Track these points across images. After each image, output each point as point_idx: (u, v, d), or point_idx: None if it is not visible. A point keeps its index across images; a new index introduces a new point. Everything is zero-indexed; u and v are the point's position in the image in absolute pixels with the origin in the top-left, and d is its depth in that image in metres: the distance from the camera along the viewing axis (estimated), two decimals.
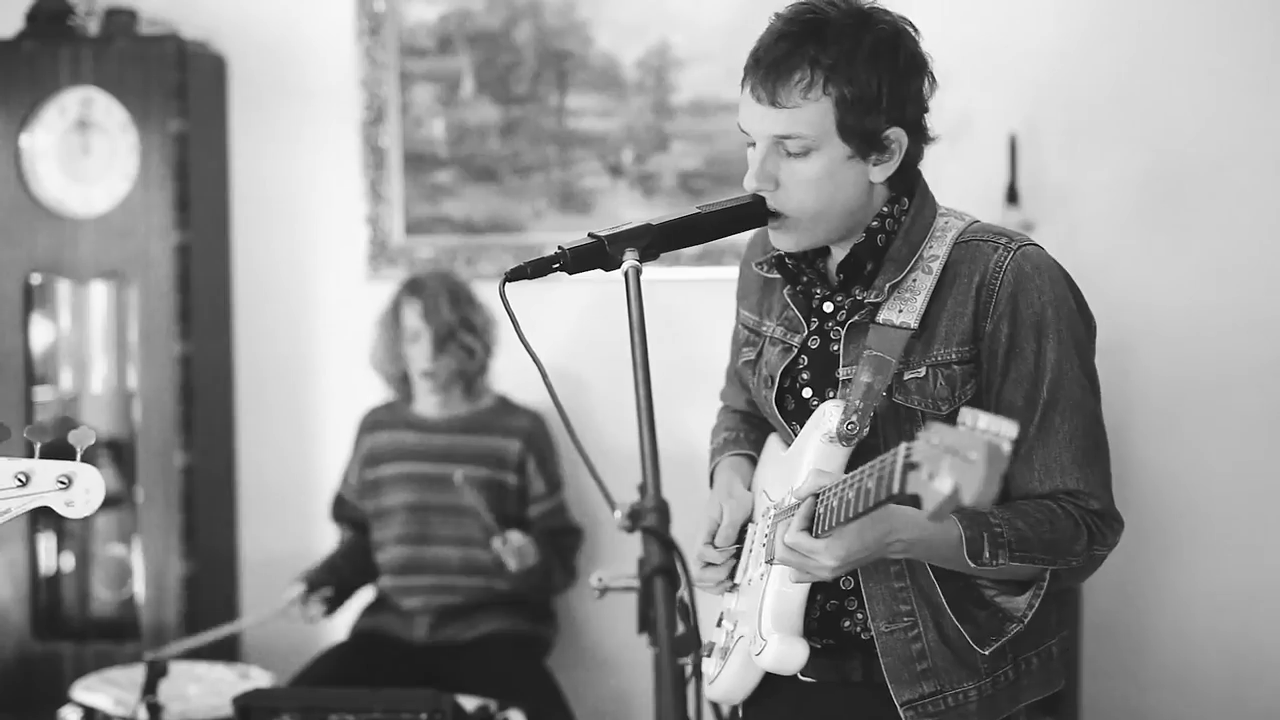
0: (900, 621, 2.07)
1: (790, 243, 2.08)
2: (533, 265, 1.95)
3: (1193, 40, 3.79)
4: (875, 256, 2.08)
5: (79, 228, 4.11)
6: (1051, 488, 2.03)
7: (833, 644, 2.13)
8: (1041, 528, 2.00)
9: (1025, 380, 2.03)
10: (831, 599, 2.12)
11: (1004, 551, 1.97)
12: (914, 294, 2.05)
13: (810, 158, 2.01)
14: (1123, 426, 3.79)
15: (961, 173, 3.65)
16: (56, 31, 4.12)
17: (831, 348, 2.11)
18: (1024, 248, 2.06)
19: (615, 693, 4.16)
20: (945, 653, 2.06)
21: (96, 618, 4.28)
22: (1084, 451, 2.04)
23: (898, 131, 2.04)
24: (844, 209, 2.06)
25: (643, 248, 1.96)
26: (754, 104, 2.03)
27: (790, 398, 2.17)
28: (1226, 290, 3.79)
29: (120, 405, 4.26)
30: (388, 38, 4.18)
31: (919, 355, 2.04)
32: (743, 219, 2.08)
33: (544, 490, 3.85)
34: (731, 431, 2.37)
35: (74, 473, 1.96)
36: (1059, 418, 2.03)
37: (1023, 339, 2.02)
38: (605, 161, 4.10)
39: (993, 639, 2.07)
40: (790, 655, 2.07)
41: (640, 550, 1.66)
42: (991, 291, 2.03)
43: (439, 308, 3.76)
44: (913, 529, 1.96)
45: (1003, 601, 2.07)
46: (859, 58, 1.98)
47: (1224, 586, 3.84)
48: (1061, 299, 2.04)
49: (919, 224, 2.09)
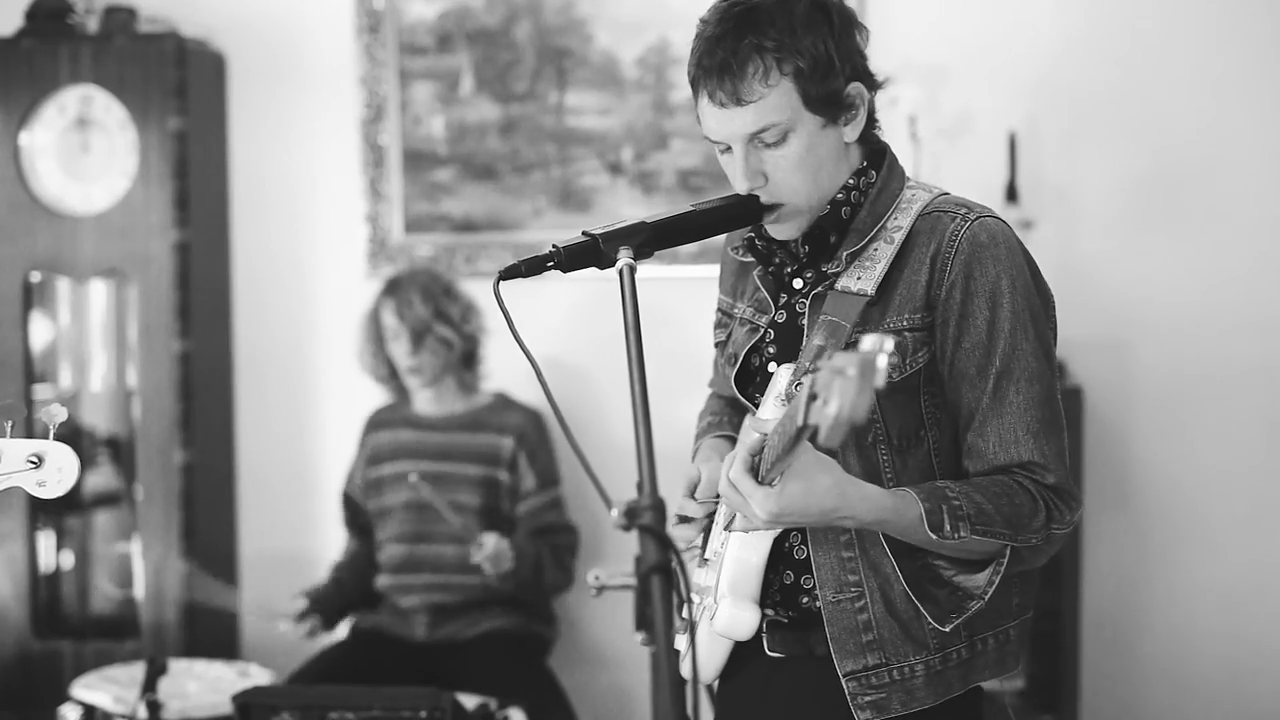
0: (847, 591, 2.06)
1: (792, 230, 2.09)
2: (527, 263, 1.96)
3: (1192, 39, 3.79)
4: (839, 228, 2.09)
5: (78, 225, 4.11)
6: (1006, 459, 2.03)
7: (795, 617, 2.12)
8: (1000, 500, 2.00)
9: (978, 349, 2.03)
10: (788, 569, 2.12)
11: (964, 524, 1.97)
12: (874, 262, 2.06)
13: (789, 141, 2.02)
14: (1121, 425, 3.79)
15: (961, 170, 3.65)
16: (56, 29, 4.12)
17: (799, 321, 2.12)
18: (982, 218, 2.06)
19: (614, 690, 4.16)
20: (893, 625, 2.06)
21: (96, 616, 4.28)
22: (1039, 423, 2.03)
23: (856, 86, 2.05)
24: (831, 179, 2.07)
25: (637, 246, 1.96)
26: (717, 110, 2.03)
27: (758, 374, 2.17)
28: (1225, 288, 3.79)
29: (120, 403, 4.26)
30: (387, 35, 4.18)
31: (874, 323, 2.04)
32: (738, 216, 2.08)
33: (534, 486, 3.84)
34: (716, 415, 2.39)
35: (44, 451, 1.84)
36: (1013, 388, 2.02)
37: (975, 307, 2.02)
38: (605, 159, 4.10)
39: (953, 616, 2.06)
40: (739, 619, 2.07)
41: (637, 548, 1.67)
42: (946, 260, 2.03)
43: (412, 303, 3.78)
44: (868, 510, 1.96)
45: (961, 580, 2.06)
46: (798, 29, 1.99)
47: (1223, 585, 3.84)
48: (1018, 269, 2.04)
49: (884, 195, 2.10)
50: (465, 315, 3.83)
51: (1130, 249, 3.83)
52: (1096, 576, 3.82)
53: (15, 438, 1.87)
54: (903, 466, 2.06)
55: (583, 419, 4.01)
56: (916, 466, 2.07)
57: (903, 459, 2.06)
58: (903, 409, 2.05)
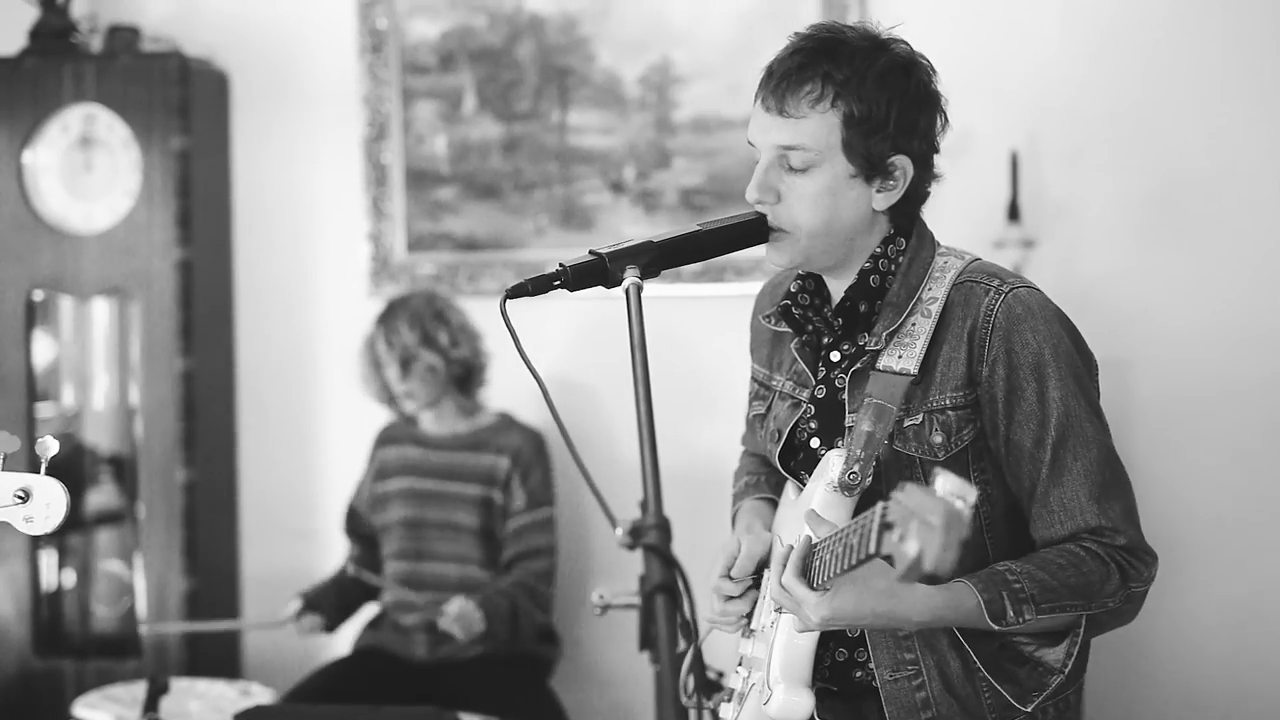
0: (904, 670, 2.06)
1: (785, 258, 2.08)
2: (534, 282, 1.96)
3: (1194, 57, 3.79)
4: (869, 298, 2.08)
5: (81, 244, 4.11)
6: (1073, 528, 2.01)
7: (845, 688, 2.12)
8: (1065, 573, 1.97)
9: (1031, 421, 2.01)
10: (841, 648, 2.12)
11: (1029, 606, 1.95)
12: (913, 339, 2.04)
13: (812, 173, 2.02)
14: (1124, 442, 3.77)
15: (963, 189, 3.64)
16: (59, 48, 4.13)
17: (839, 396, 2.11)
18: (1016, 290, 2.04)
19: (617, 710, 4.15)
20: (951, 702, 2.04)
21: (97, 634, 4.27)
22: (1100, 486, 2.02)
23: (904, 160, 2.04)
24: (843, 231, 2.05)
25: (644, 265, 1.97)
26: (762, 114, 2.04)
27: (800, 449, 2.16)
28: (1227, 306, 3.79)
29: (122, 421, 4.26)
30: (390, 55, 4.19)
31: (918, 402, 2.03)
32: (743, 236, 2.08)
33: (521, 505, 3.81)
34: (753, 476, 2.38)
35: (31, 486, 1.78)
36: (1070, 456, 2.01)
37: (1021, 380, 2.01)
38: (607, 178, 4.10)
39: (1034, 694, 2.03)
40: (795, 706, 2.07)
41: (641, 567, 1.66)
42: (984, 336, 2.02)
43: (398, 330, 3.79)
44: (923, 611, 1.95)
45: (1040, 654, 2.04)
46: (870, 77, 1.99)
47: (1225, 601, 3.83)
48: (1058, 338, 2.03)
49: (916, 265, 2.08)
50: (455, 339, 3.82)
51: (1132, 267, 3.83)
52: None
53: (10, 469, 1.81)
54: None
55: (588, 438, 4.00)
56: (968, 542, 2.06)
57: None
58: None
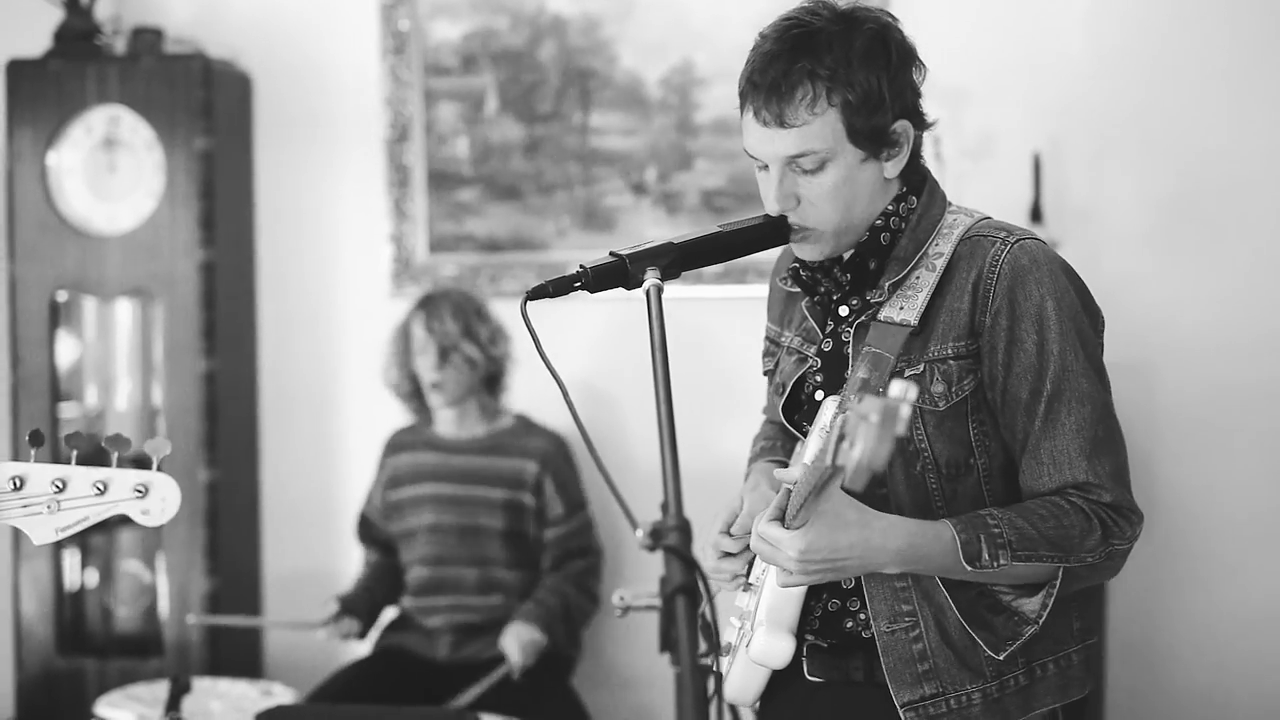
0: (902, 621, 2.06)
1: (815, 252, 2.09)
2: (554, 284, 1.96)
3: (1216, 59, 3.78)
4: (879, 255, 2.09)
5: (105, 245, 4.13)
6: (1060, 482, 2.01)
7: (835, 643, 2.12)
8: (1046, 524, 1.97)
9: (1029, 373, 2.01)
10: (834, 598, 2.12)
11: (1004, 552, 1.95)
12: (916, 291, 2.05)
13: (826, 170, 2.02)
14: (1147, 445, 3.78)
15: (985, 191, 3.64)
16: (83, 50, 4.15)
17: (844, 349, 2.12)
18: (1022, 240, 2.05)
19: (638, 711, 4.15)
20: (948, 654, 2.05)
21: (120, 634, 4.29)
22: (1092, 443, 2.01)
23: (903, 124, 2.04)
24: (864, 211, 2.07)
25: (664, 266, 1.97)
26: (760, 128, 2.03)
27: (806, 403, 2.17)
28: (1250, 308, 3.78)
29: (145, 422, 4.27)
30: (412, 56, 4.19)
31: (918, 352, 2.04)
32: (765, 237, 2.09)
33: (562, 513, 3.84)
34: (769, 440, 2.39)
35: (150, 482, 1.99)
36: (1064, 409, 2.01)
37: (1022, 331, 2.01)
38: (628, 180, 4.10)
39: (1008, 643, 2.05)
40: (773, 649, 2.07)
41: (662, 569, 1.66)
42: (989, 285, 2.02)
43: (443, 318, 3.79)
44: (898, 538, 1.95)
45: (1018, 604, 2.05)
46: (854, 61, 1.99)
47: (1249, 605, 3.81)
48: (1063, 291, 2.03)
49: (925, 221, 2.09)
50: (493, 338, 3.83)
51: (1155, 269, 3.82)
52: (1123, 599, 3.80)
53: (124, 466, 2.00)
54: (953, 494, 2.05)
55: (608, 439, 4.01)
56: (966, 494, 2.06)
57: (952, 487, 2.05)
58: (951, 437, 2.04)
